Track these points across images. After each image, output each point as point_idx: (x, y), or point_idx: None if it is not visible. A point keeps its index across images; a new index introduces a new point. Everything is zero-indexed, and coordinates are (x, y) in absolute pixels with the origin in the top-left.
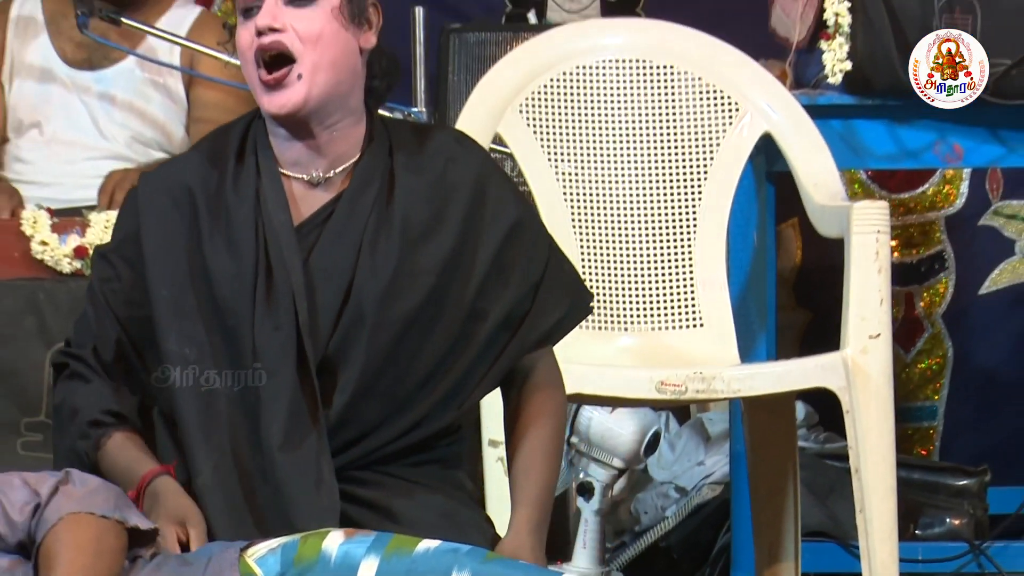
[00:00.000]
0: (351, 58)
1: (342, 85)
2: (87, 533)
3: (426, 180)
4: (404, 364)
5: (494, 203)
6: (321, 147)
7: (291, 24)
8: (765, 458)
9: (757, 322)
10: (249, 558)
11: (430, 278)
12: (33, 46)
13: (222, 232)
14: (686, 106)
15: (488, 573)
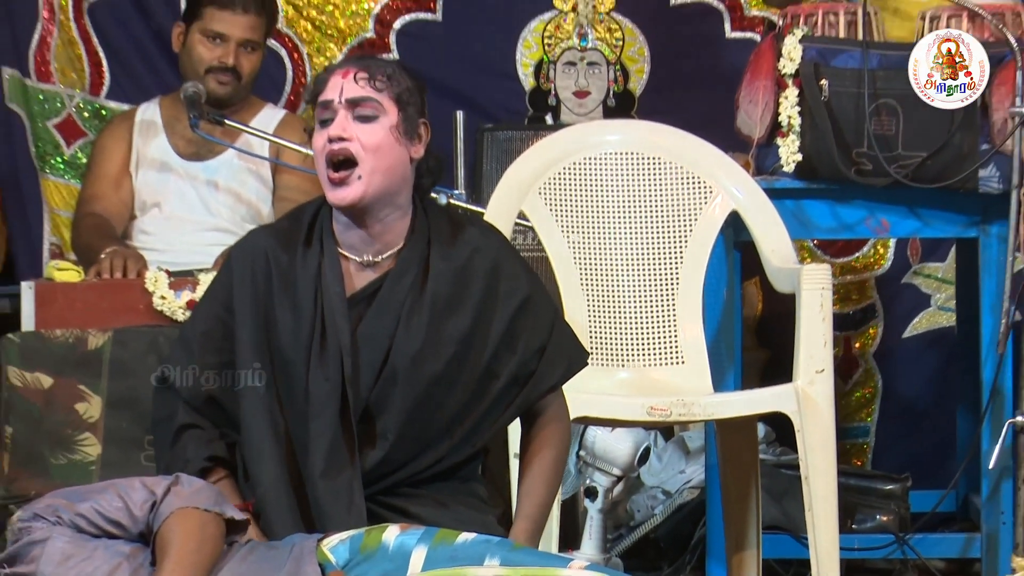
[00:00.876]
0: (402, 165)
1: (393, 186)
2: (194, 523)
3: (453, 266)
4: (429, 414)
5: (507, 283)
6: (373, 236)
7: (357, 135)
8: (733, 468)
9: (726, 360)
10: (324, 546)
11: (452, 346)
12: (154, 143)
13: (289, 296)
14: (670, 189)
15: (514, 559)
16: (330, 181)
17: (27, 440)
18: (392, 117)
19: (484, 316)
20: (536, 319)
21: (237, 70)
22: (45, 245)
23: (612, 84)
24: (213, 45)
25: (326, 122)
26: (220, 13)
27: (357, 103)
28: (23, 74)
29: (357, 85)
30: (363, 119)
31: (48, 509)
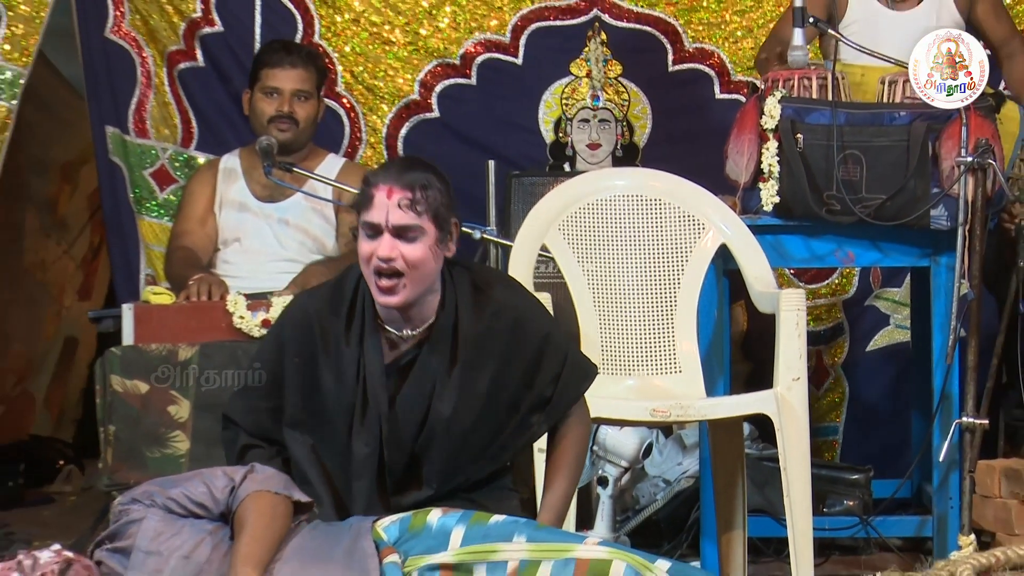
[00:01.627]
0: (437, 265)
1: (429, 284)
2: (266, 504)
3: (478, 331)
4: (464, 458)
5: (526, 333)
6: (411, 316)
7: (401, 253)
8: (723, 460)
9: (717, 369)
10: (378, 526)
11: (480, 400)
12: (234, 188)
13: (334, 362)
14: (669, 225)
15: (538, 536)
16: (378, 288)
17: (127, 438)
18: (431, 235)
19: (507, 366)
20: (553, 354)
21: (293, 116)
22: (141, 274)
23: (620, 138)
24: (271, 99)
25: (373, 236)
26: (273, 71)
27: (401, 231)
28: (123, 131)
29: (401, 211)
30: (407, 240)
31: (144, 494)
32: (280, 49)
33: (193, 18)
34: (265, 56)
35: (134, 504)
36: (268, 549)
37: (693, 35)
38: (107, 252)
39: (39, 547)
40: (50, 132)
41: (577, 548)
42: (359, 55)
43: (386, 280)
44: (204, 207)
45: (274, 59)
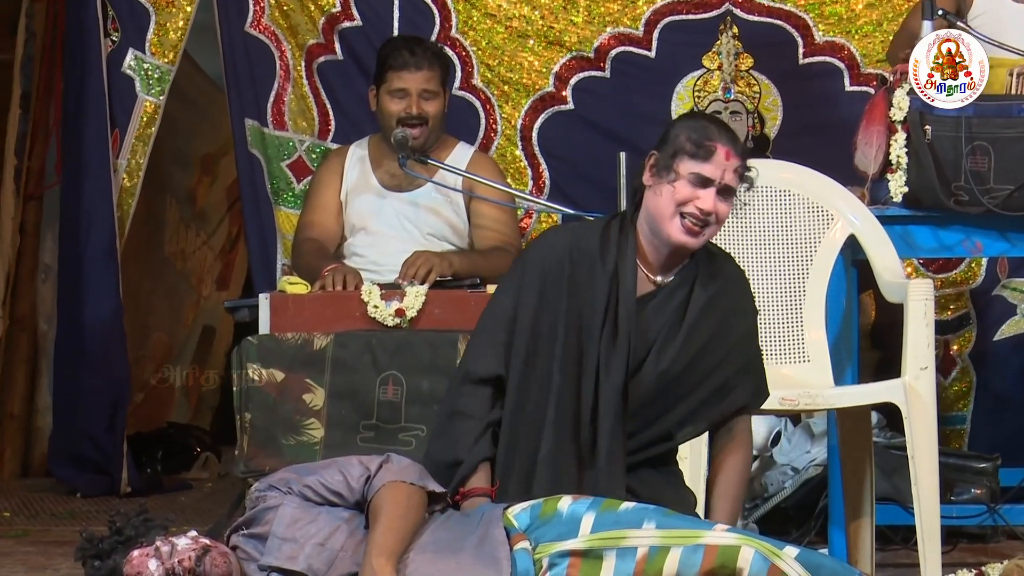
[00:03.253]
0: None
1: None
2: (401, 494)
3: (708, 294)
4: (665, 404)
5: (742, 313)
6: (672, 261)
7: (717, 208)
8: (851, 448)
9: (845, 358)
10: (509, 514)
11: (692, 353)
12: (363, 176)
13: (586, 291)
14: (799, 216)
15: (668, 523)
16: (684, 229)
17: (263, 425)
18: (737, 195)
19: (720, 335)
20: (749, 347)
21: (422, 115)
22: (278, 264)
23: (751, 129)
24: (398, 100)
25: (700, 185)
26: (399, 74)
27: (727, 192)
28: (262, 124)
29: (734, 175)
30: (724, 199)
31: (280, 481)
32: (404, 49)
33: (332, 12)
34: (390, 58)
35: (271, 491)
36: (402, 539)
37: (824, 29)
38: (245, 242)
39: (176, 533)
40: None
41: (707, 534)
42: (495, 49)
43: (695, 226)
44: (332, 196)
45: (399, 60)
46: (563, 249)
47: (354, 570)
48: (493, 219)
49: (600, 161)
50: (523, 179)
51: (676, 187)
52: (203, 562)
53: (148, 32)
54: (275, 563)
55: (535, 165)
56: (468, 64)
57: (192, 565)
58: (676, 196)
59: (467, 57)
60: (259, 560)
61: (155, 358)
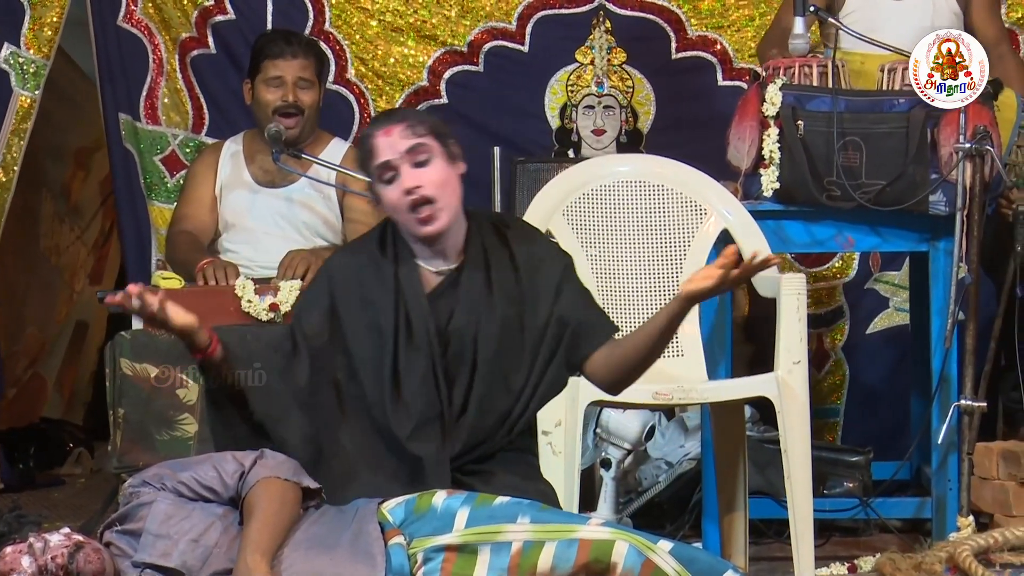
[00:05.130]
0: (459, 187)
1: (458, 208)
2: (276, 490)
3: (507, 260)
4: (499, 388)
5: (549, 257)
6: (446, 249)
7: (423, 179)
8: (725, 443)
9: (719, 352)
10: (384, 509)
11: (516, 321)
12: (237, 172)
13: (369, 301)
14: (672, 210)
15: (542, 517)
16: (418, 221)
17: (137, 420)
18: (440, 153)
19: (538, 289)
20: (573, 287)
21: (298, 105)
22: (153, 259)
23: (624, 124)
24: (274, 88)
25: (392, 179)
26: (275, 62)
27: (413, 151)
28: (134, 118)
29: (404, 139)
30: (421, 164)
31: (154, 477)
32: (280, 39)
33: (205, 6)
34: (266, 47)
35: (144, 487)
36: (277, 536)
37: (696, 23)
38: (118, 237)
39: (49, 530)
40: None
41: (581, 528)
42: (369, 43)
43: (424, 209)
44: (207, 191)
45: (275, 50)
46: (352, 267)
47: (228, 567)
48: (366, 212)
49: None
50: None
51: (383, 190)
52: (76, 558)
53: (23, 26)
54: (149, 559)
55: None
56: (342, 58)
57: (65, 562)
58: (389, 198)
59: (341, 51)
60: (133, 556)
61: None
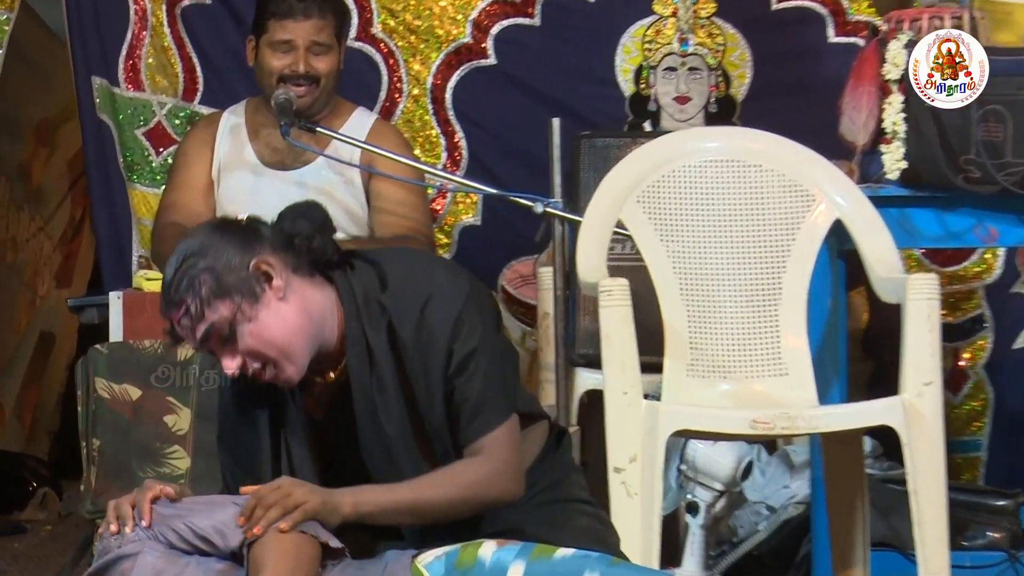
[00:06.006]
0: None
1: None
2: (289, 544)
3: (390, 340)
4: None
5: (434, 322)
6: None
7: (244, 348)
8: (839, 482)
9: (831, 371)
10: (419, 563)
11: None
12: (238, 150)
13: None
14: (772, 197)
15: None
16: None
17: (115, 453)
18: (244, 310)
19: (423, 370)
20: (462, 370)
21: (311, 74)
22: (134, 256)
23: (714, 89)
24: (282, 54)
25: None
26: (282, 23)
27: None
28: (112, 83)
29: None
30: (226, 341)
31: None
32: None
33: None
34: (272, 4)
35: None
36: None
37: None
38: (91, 229)
39: None
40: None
41: None
42: None
43: (265, 374)
44: (201, 172)
45: (283, 7)
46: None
47: None
48: (398, 201)
49: (528, 129)
50: (435, 151)
51: None
52: None
53: None
54: None
55: (449, 134)
56: (367, 9)
57: None
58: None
59: (365, 1)
60: None
61: None
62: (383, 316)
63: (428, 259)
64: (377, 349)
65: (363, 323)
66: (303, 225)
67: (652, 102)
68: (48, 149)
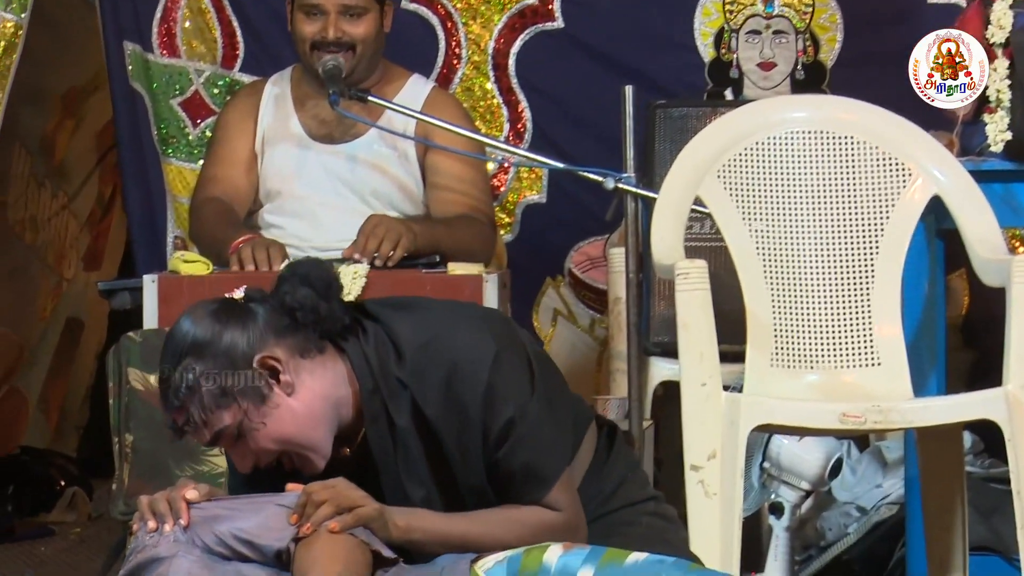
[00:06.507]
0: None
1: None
2: (340, 549)
3: (409, 415)
4: None
5: (463, 390)
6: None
7: (257, 459)
8: (936, 481)
9: (928, 361)
10: (479, 568)
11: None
12: (283, 122)
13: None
14: (863, 171)
15: None
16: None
17: (150, 449)
18: (241, 416)
19: (456, 442)
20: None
21: (343, 40)
22: (169, 237)
23: (801, 55)
24: (312, 19)
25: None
26: None
27: (219, 441)
28: (145, 49)
29: (197, 437)
30: (237, 440)
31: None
32: None
33: None
34: None
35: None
36: None
37: None
38: (122, 207)
39: None
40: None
41: None
42: None
43: (287, 464)
44: (243, 146)
45: None
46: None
47: None
48: (456, 177)
49: (598, 98)
50: (496, 122)
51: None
52: None
53: None
54: None
55: (512, 103)
56: None
57: None
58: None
59: None
60: None
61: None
62: (404, 392)
63: (445, 318)
64: (401, 427)
65: (383, 397)
66: (305, 295)
67: (734, 68)
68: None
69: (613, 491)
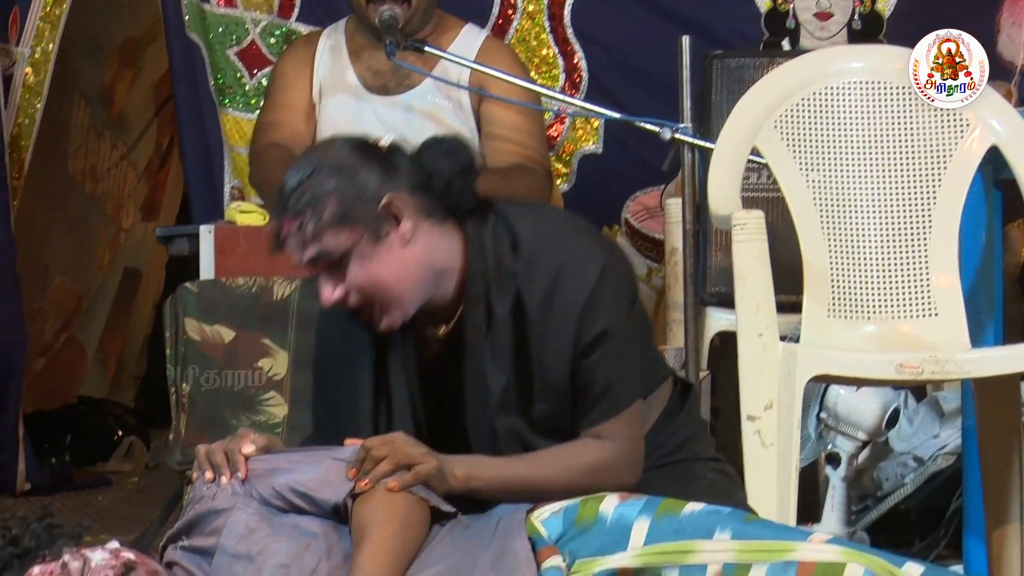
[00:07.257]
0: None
1: (419, 284)
2: (398, 505)
3: (514, 303)
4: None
5: (566, 293)
6: (430, 316)
7: (346, 284)
8: (993, 432)
9: (986, 312)
10: (535, 519)
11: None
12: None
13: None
14: (921, 122)
15: (748, 532)
16: (367, 324)
17: (206, 400)
18: (356, 242)
19: (547, 341)
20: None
21: None
22: (226, 187)
23: (858, 4)
24: None
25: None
26: None
27: (316, 262)
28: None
29: (300, 251)
30: (336, 268)
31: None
32: None
33: None
34: None
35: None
36: (397, 566)
37: None
38: (180, 157)
39: (92, 544)
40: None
41: (800, 547)
42: None
43: (364, 313)
44: (301, 95)
45: None
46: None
47: None
48: (512, 127)
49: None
50: (552, 73)
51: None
52: None
53: None
54: None
55: (568, 54)
56: None
57: None
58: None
59: None
60: None
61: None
62: (512, 282)
63: (565, 224)
64: (499, 315)
65: (488, 285)
66: (445, 165)
67: (790, 18)
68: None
69: (679, 445)
